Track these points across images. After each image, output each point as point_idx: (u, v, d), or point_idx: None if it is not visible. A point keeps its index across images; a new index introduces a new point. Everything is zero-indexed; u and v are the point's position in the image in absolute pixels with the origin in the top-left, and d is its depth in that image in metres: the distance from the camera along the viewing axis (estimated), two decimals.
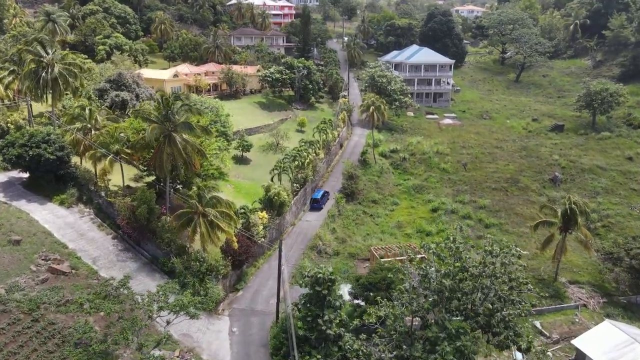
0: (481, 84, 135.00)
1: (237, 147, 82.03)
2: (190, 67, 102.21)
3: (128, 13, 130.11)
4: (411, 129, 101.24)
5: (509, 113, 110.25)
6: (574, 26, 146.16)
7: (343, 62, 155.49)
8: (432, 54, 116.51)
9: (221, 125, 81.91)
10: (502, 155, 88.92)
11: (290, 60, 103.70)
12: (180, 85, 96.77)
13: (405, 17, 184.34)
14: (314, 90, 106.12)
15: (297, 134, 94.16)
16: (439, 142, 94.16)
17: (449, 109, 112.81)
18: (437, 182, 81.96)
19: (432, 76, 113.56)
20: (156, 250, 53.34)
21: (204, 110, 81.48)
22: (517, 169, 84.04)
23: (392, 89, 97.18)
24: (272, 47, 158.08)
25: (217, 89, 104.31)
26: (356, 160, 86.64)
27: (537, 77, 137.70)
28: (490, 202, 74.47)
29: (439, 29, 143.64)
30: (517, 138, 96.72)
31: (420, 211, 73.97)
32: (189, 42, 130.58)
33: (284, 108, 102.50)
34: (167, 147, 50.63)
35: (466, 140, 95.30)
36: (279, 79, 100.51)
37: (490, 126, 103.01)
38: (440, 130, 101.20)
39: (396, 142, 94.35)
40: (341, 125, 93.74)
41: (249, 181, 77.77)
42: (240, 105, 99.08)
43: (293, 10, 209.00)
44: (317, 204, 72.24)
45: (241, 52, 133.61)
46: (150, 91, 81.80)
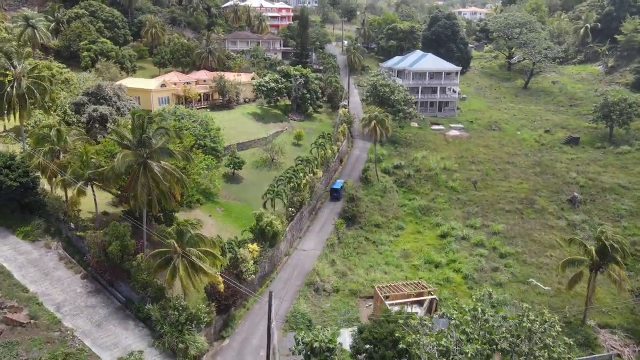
0: (488, 91, 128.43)
1: (227, 164, 75.54)
2: (179, 76, 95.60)
3: (116, 17, 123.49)
4: (416, 141, 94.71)
5: (519, 124, 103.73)
6: (584, 30, 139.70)
7: (343, 67, 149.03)
8: (437, 60, 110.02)
9: (210, 141, 75.48)
10: (514, 172, 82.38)
11: (286, 69, 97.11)
12: (168, 95, 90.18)
13: (407, 19, 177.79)
14: (311, 100, 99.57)
15: (294, 147, 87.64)
16: (446, 157, 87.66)
17: (455, 119, 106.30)
18: (445, 202, 75.44)
19: (438, 84, 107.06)
20: (131, 292, 46.84)
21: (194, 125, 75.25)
22: (531, 187, 77.51)
23: (395, 99, 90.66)
24: (269, 52, 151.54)
25: (209, 99, 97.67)
26: (357, 178, 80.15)
27: (546, 84, 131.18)
28: (504, 227, 67.95)
29: (443, 33, 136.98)
30: (529, 152, 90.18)
31: (427, 237, 67.44)
32: (180, 47, 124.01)
33: (279, 119, 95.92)
34: (142, 176, 44.10)
35: (475, 155, 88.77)
36: (274, 89, 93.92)
37: (500, 138, 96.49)
38: (446, 142, 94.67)
39: (400, 157, 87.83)
40: (341, 138, 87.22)
41: (241, 203, 71.30)
42: (233, 117, 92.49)
43: (291, 12, 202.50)
44: (337, 194, 74.04)
45: (235, 58, 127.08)
46: (133, 104, 75.25)
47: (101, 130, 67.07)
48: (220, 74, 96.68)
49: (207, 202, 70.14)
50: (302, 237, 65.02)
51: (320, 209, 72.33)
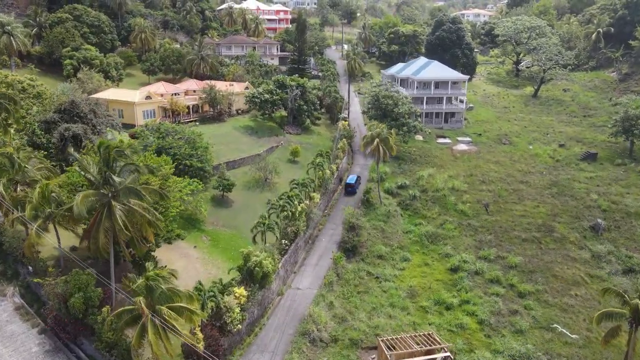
0: (496, 99, 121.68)
1: (216, 186, 68.88)
2: (167, 86, 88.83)
3: (103, 21, 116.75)
4: (421, 157, 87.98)
5: (530, 137, 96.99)
6: (597, 35, 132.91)
7: (342, 74, 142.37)
8: (443, 68, 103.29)
9: (197, 160, 68.80)
10: (529, 193, 75.66)
11: (282, 78, 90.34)
12: (154, 108, 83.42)
13: (409, 23, 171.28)
14: (309, 112, 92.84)
15: (289, 165, 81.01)
16: (453, 175, 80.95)
17: (462, 131, 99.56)
18: (454, 228, 68.72)
19: (444, 94, 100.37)
20: (95, 352, 40.17)
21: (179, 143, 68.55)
22: (549, 212, 70.79)
23: (398, 112, 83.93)
24: (265, 57, 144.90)
25: (199, 111, 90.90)
26: (358, 200, 73.45)
27: (557, 92, 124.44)
28: (521, 259, 61.21)
29: (448, 37, 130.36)
30: (544, 169, 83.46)
31: (436, 271, 60.69)
32: (170, 53, 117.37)
33: (274, 132, 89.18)
34: (106, 220, 37.38)
35: (485, 173, 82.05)
36: (269, 100, 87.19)
37: (512, 153, 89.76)
38: (454, 158, 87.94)
39: (404, 175, 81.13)
40: (340, 155, 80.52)
41: (230, 230, 64.71)
42: (224, 131, 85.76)
43: (289, 15, 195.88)
44: (352, 189, 75.70)
45: (229, 65, 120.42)
46: (112, 120, 68.52)
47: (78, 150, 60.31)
48: (211, 84, 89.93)
49: (193, 229, 63.58)
50: (297, 271, 58.28)
51: (318, 236, 65.63)
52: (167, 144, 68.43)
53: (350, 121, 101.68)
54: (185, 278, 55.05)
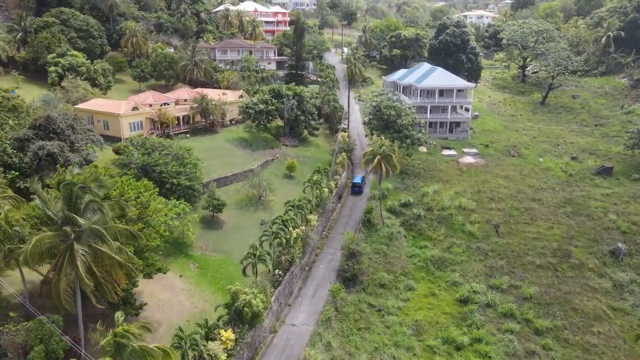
0: (502, 106, 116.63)
1: (205, 206, 63.89)
2: (156, 96, 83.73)
3: (91, 25, 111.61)
4: (425, 170, 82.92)
5: (540, 148, 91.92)
6: (606, 39, 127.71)
7: (342, 78, 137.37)
8: (447, 75, 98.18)
9: (186, 179, 63.83)
10: (542, 213, 70.60)
11: (277, 87, 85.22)
12: (141, 119, 78.34)
13: (411, 25, 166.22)
14: (306, 122, 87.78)
15: (285, 181, 76.04)
16: (460, 192, 75.94)
17: (468, 142, 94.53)
18: (462, 252, 63.70)
19: (448, 102, 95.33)
20: None
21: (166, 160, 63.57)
22: (564, 234, 65.75)
23: (401, 124, 78.88)
24: (262, 61, 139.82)
25: (190, 122, 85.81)
26: (358, 220, 68.41)
27: (565, 99, 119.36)
28: (537, 289, 56.21)
29: (452, 42, 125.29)
30: (556, 185, 78.40)
31: (444, 302, 55.67)
32: (162, 58, 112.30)
33: (270, 145, 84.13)
34: (68, 265, 32.38)
35: (494, 189, 77.00)
36: (264, 111, 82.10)
37: (521, 167, 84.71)
38: (460, 172, 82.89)
39: (408, 192, 76.10)
40: (339, 171, 75.50)
41: (220, 255, 59.81)
42: (216, 144, 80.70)
43: (287, 17, 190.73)
44: (359, 189, 76.23)
45: (224, 70, 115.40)
46: (93, 136, 63.42)
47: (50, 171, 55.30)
48: (203, 94, 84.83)
49: (179, 255, 58.69)
50: (292, 304, 53.27)
51: (315, 262, 60.61)
52: (152, 161, 63.41)
53: (350, 130, 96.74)
54: (168, 313, 50.21)
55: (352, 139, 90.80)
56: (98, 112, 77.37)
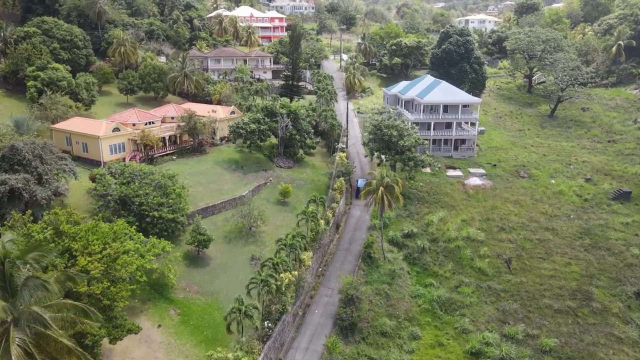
0: (508, 120, 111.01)
1: (190, 242, 58.16)
2: (140, 114, 77.89)
3: (76, 35, 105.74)
4: (429, 194, 77.24)
5: (551, 168, 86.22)
6: (617, 48, 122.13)
7: (341, 87, 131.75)
8: (452, 90, 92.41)
9: (169, 211, 58.20)
10: (557, 245, 64.91)
11: (271, 105, 79.35)
12: (123, 141, 72.56)
13: (412, 32, 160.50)
14: (302, 142, 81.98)
15: (279, 208, 70.30)
16: (468, 220, 70.29)
17: (474, 161, 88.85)
18: (472, 292, 57.99)
19: (453, 119, 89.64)
20: None
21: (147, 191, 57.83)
22: (583, 271, 60.07)
23: (404, 145, 73.15)
24: (257, 70, 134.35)
25: (177, 141, 79.99)
26: (357, 254, 62.64)
27: (574, 111, 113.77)
28: (557, 341, 50.47)
29: (455, 51, 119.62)
30: (571, 211, 72.75)
31: (453, 354, 49.92)
32: (151, 70, 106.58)
33: (262, 166, 78.35)
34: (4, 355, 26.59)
35: (504, 216, 71.33)
36: (256, 131, 76.30)
37: (532, 190, 79.04)
38: (467, 196, 77.21)
39: (411, 220, 70.39)
40: (337, 197, 69.73)
41: (205, 298, 54.26)
42: (204, 167, 74.95)
43: (284, 22, 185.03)
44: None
45: (216, 82, 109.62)
46: (65, 165, 57.58)
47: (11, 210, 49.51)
48: (191, 111, 79.01)
49: (159, 300, 52.99)
50: (284, 358, 47.51)
51: (310, 306, 54.89)
52: (131, 193, 57.76)
53: (348, 148, 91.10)
54: None
55: (350, 159, 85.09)
56: (76, 133, 71.64)
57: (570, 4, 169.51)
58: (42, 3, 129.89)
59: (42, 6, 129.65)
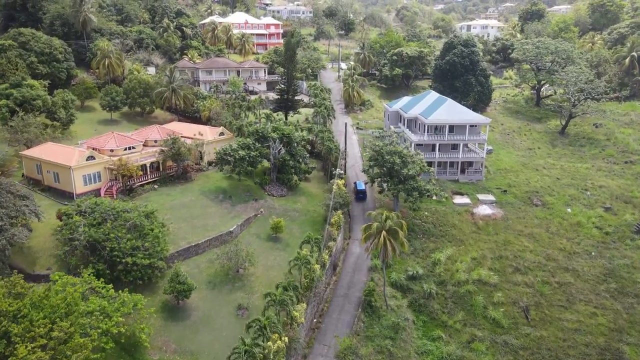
0: (517, 137, 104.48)
1: (168, 291, 51.50)
2: (119, 138, 71.09)
3: (55, 47, 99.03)
4: (435, 226, 70.73)
5: (566, 194, 79.67)
6: (630, 59, 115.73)
7: (339, 99, 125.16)
8: (459, 109, 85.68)
9: (144, 256, 51.66)
10: (579, 290, 58.40)
11: (262, 129, 72.57)
12: (99, 170, 65.84)
13: (413, 40, 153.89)
14: (296, 168, 75.34)
15: (270, 245, 63.64)
16: (478, 258, 63.77)
17: (483, 185, 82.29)
18: (487, 349, 51.43)
19: (460, 140, 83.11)
20: None
21: (119, 234, 51.24)
22: (611, 324, 53.56)
23: (408, 174, 66.61)
24: (251, 82, 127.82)
25: (160, 168, 73.24)
26: (357, 302, 56.02)
27: (587, 127, 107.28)
28: None
29: (460, 63, 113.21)
30: (592, 247, 66.24)
31: None
32: (136, 84, 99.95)
33: (253, 195, 71.67)
34: None
35: (518, 254, 64.82)
36: (245, 157, 69.60)
37: (547, 221, 72.53)
38: (476, 228, 70.71)
39: (416, 258, 63.84)
40: (335, 234, 63.07)
41: (184, 359, 47.36)
42: (188, 198, 68.26)
43: (281, 28, 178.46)
44: (363, 195, 76.30)
45: (206, 97, 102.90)
46: (26, 207, 50.86)
47: None
48: (175, 136, 72.32)
49: None
50: None
51: (308, 356, 48.31)
52: (101, 237, 51.13)
53: (347, 170, 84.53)
54: None
55: (349, 186, 78.51)
56: (47, 161, 64.90)
57: (577, 11, 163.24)
58: (24, 11, 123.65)
59: (24, 14, 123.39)
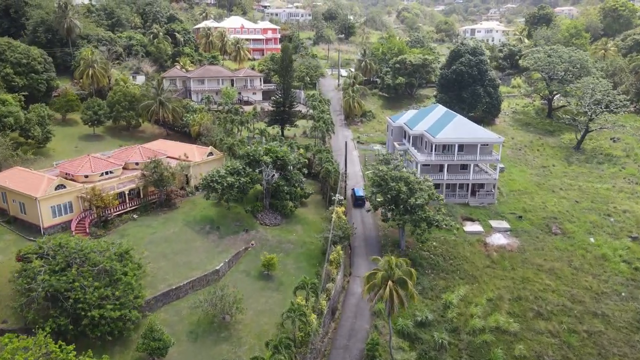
0: (529, 152, 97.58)
1: (142, 348, 44.57)
2: (96, 163, 64.01)
3: (34, 57, 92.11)
4: (445, 259, 63.88)
5: (588, 221, 72.78)
6: None
7: (338, 110, 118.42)
8: (468, 126, 78.65)
9: (114, 307, 44.92)
10: (612, 341, 51.47)
11: (253, 152, 65.54)
12: (70, 199, 58.90)
13: (416, 46, 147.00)
14: (291, 193, 68.39)
15: (261, 284, 56.76)
16: (495, 300, 56.88)
17: (495, 210, 75.39)
18: None
19: (470, 160, 76.30)
20: None
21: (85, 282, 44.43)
22: None
23: (416, 204, 59.73)
24: (246, 92, 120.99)
25: (140, 195, 66.26)
26: (358, 356, 49.06)
27: (603, 142, 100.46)
28: None
29: (467, 72, 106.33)
30: (621, 286, 59.37)
31: None
32: (121, 97, 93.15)
33: (243, 224, 64.77)
34: None
35: (539, 294, 57.92)
36: (234, 185, 62.64)
37: (569, 253, 65.62)
38: (491, 261, 63.86)
39: (424, 298, 56.86)
40: (334, 273, 56.07)
41: None
42: (170, 230, 61.31)
43: (278, 33, 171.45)
44: (362, 201, 73.64)
45: (196, 110, 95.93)
46: None
47: None
48: (157, 159, 65.38)
49: None
50: None
51: None
52: (63, 286, 44.30)
53: (347, 191, 77.79)
54: None
55: (349, 210, 71.61)
56: (11, 190, 57.99)
57: (588, 16, 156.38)
58: (7, 17, 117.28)
59: (7, 20, 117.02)
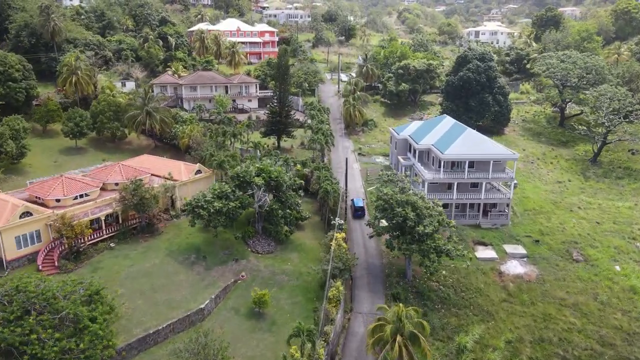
0: (542, 166, 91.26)
1: None
2: (70, 186, 57.62)
3: (11, 65, 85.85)
4: (456, 290, 57.65)
5: (611, 245, 66.49)
6: None
7: (338, 117, 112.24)
8: (479, 141, 72.39)
9: None
10: None
11: (243, 172, 59.14)
12: (38, 228, 52.59)
13: (419, 50, 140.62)
14: (286, 217, 61.99)
15: (251, 324, 50.39)
16: (515, 343, 50.57)
17: (510, 232, 69.10)
18: None
19: (482, 178, 70.09)
20: None
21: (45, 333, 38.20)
22: None
23: (424, 232, 53.49)
24: (241, 99, 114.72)
25: (119, 220, 59.92)
26: None
27: (621, 154, 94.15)
28: None
29: (475, 79, 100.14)
30: None
31: None
32: (105, 107, 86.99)
33: (233, 253, 58.50)
34: None
35: (564, 335, 51.61)
36: (222, 210, 56.21)
37: (593, 284, 59.31)
38: (507, 294, 57.58)
39: (434, 339, 50.54)
40: (333, 313, 49.67)
41: None
42: (151, 262, 54.96)
43: (276, 36, 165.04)
44: (361, 212, 70.89)
45: (186, 121, 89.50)
46: None
47: None
48: (137, 179, 59.02)
49: None
50: None
51: None
52: (17, 339, 37.96)
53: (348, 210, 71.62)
54: None
55: (351, 236, 65.25)
56: None
57: (599, 19, 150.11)
58: None
59: None
